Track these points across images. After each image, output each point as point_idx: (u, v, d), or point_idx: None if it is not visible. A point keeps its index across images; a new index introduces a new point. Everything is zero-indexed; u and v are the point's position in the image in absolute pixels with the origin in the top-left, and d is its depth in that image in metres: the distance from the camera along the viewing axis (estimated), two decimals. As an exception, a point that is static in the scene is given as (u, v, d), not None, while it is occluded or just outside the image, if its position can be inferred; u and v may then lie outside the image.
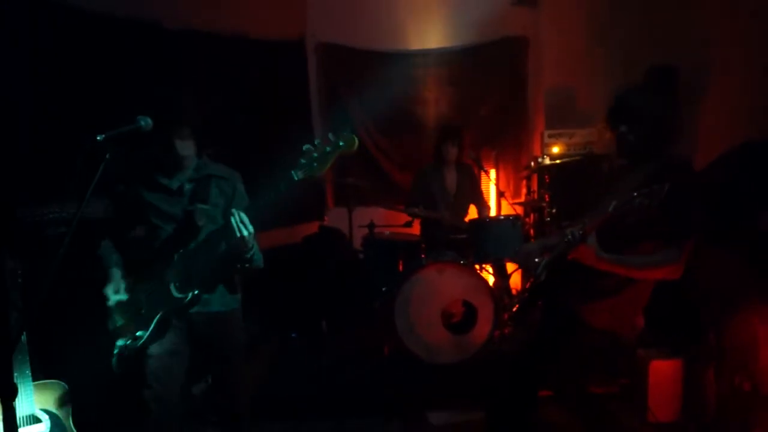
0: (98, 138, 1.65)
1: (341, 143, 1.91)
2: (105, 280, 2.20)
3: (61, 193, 2.80)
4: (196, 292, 2.05)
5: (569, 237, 1.74)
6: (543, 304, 2.09)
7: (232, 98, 4.33)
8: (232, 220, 1.89)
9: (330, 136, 1.92)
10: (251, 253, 2.02)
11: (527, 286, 2.22)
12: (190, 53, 4.10)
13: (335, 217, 5.05)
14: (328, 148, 1.91)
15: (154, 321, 2.08)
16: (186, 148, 2.13)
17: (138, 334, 2.10)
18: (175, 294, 2.05)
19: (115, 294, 2.13)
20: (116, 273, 2.19)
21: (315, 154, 1.91)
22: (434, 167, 4.16)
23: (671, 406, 2.84)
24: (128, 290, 2.16)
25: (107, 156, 1.64)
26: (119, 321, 2.14)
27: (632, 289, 1.91)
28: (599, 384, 2.99)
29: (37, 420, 2.11)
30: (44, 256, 2.44)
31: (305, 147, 1.91)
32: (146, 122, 1.84)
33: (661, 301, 2.64)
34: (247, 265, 2.08)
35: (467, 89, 5.17)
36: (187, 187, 2.17)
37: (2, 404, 1.34)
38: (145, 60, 3.68)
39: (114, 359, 2.13)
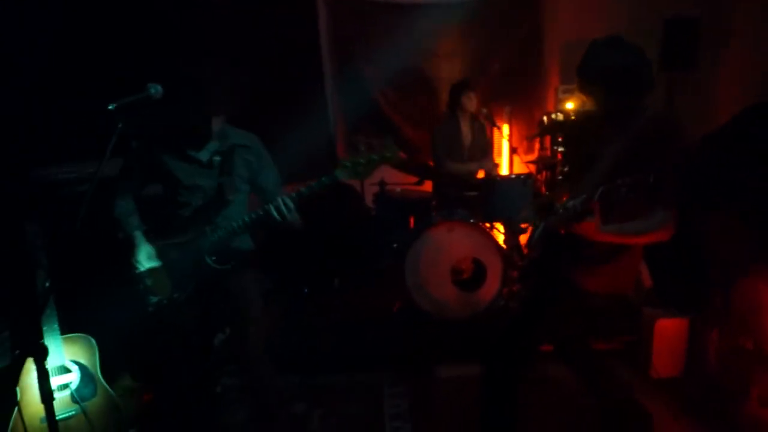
0: (109, 107, 1.68)
1: (387, 155, 2.07)
2: (125, 239, 2.26)
3: (76, 154, 2.86)
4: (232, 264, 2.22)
5: (571, 211, 1.74)
6: (538, 270, 2.13)
7: (241, 55, 4.28)
8: (274, 207, 2.07)
9: (376, 145, 2.06)
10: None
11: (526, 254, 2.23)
12: (197, 7, 4.03)
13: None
14: (374, 157, 2.06)
15: (191, 286, 2.22)
16: (218, 122, 2.25)
17: (175, 296, 2.22)
18: (214, 266, 2.20)
19: (148, 261, 2.21)
20: (141, 238, 2.25)
21: (361, 160, 2.06)
22: (450, 120, 4.15)
23: (675, 362, 2.90)
24: (158, 256, 2.24)
25: (119, 125, 1.68)
26: (150, 282, 2.22)
27: (628, 253, 1.93)
28: (602, 341, 3.05)
29: (67, 370, 2.24)
30: (61, 216, 2.53)
31: (352, 151, 2.06)
32: (156, 90, 1.88)
33: (670, 264, 2.67)
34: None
35: (481, 43, 5.02)
36: (216, 159, 2.26)
37: (35, 363, 1.44)
38: (151, 15, 3.64)
39: (150, 310, 2.23)
